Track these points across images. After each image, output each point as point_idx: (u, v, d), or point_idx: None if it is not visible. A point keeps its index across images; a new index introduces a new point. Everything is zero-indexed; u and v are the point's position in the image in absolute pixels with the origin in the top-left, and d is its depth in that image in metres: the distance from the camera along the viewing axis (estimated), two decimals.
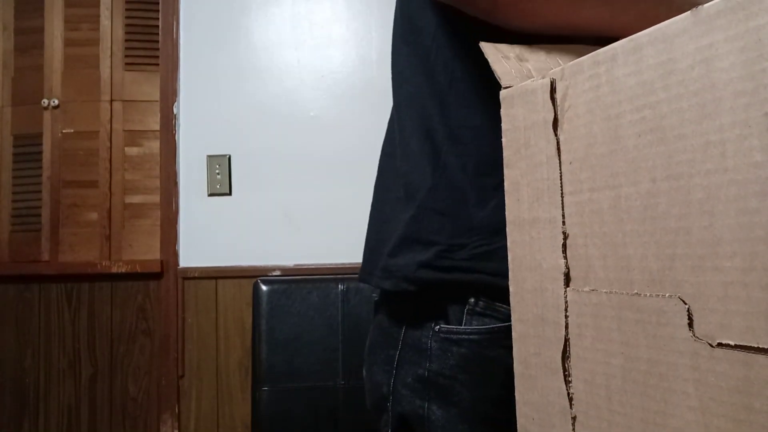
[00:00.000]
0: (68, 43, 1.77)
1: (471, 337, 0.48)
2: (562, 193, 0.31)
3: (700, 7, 0.23)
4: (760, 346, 0.20)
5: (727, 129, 0.22)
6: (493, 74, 0.36)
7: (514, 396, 0.35)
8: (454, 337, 0.49)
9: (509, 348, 0.35)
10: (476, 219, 0.48)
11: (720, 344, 0.22)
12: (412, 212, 0.52)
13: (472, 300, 0.48)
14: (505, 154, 0.35)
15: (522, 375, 0.34)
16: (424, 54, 0.53)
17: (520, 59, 0.38)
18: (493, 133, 0.43)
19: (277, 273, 1.67)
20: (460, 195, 0.50)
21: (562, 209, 0.30)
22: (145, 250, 1.74)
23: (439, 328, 0.50)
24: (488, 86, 0.40)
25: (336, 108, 1.74)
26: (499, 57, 0.37)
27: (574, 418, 0.30)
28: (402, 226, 0.52)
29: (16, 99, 1.78)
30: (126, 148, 1.77)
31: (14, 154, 1.77)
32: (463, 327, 0.49)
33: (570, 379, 0.30)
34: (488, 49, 0.38)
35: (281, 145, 1.72)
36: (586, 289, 0.29)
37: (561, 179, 0.31)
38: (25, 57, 1.78)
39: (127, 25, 1.78)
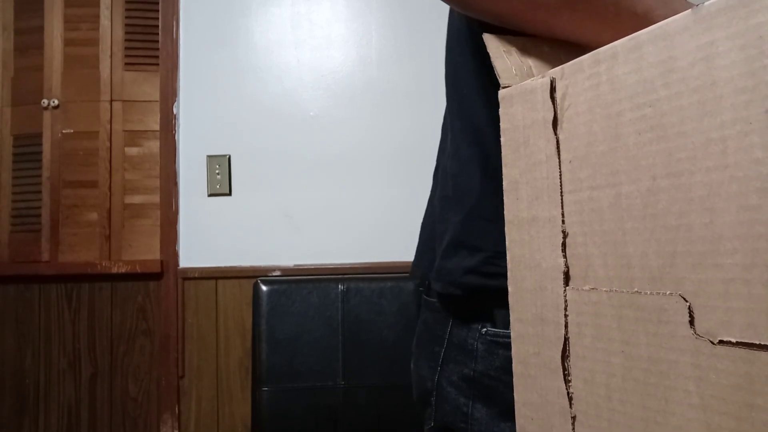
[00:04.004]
0: (68, 43, 1.77)
1: None
2: (561, 192, 0.30)
3: (700, 5, 0.23)
4: (762, 343, 0.20)
5: (728, 126, 0.22)
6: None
7: None
8: (501, 340, 0.49)
9: None
10: None
11: (721, 341, 0.22)
12: (461, 216, 0.52)
13: None
14: (504, 153, 0.35)
15: (521, 375, 0.34)
16: (475, 53, 0.52)
17: (522, 53, 0.37)
18: None
19: (277, 273, 1.67)
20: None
21: (562, 208, 0.30)
22: (145, 251, 1.74)
23: (486, 331, 0.50)
24: None
25: (336, 108, 1.74)
26: (501, 51, 0.37)
27: (573, 418, 0.30)
28: (452, 229, 0.53)
29: (16, 99, 1.78)
30: (126, 148, 1.77)
31: (14, 154, 1.77)
32: (509, 331, 0.49)
33: (569, 378, 0.30)
34: (490, 41, 0.38)
35: (281, 145, 1.72)
36: (586, 287, 0.29)
37: (560, 178, 0.30)
38: (24, 57, 1.78)
39: (126, 25, 1.78)
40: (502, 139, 0.35)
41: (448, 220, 0.54)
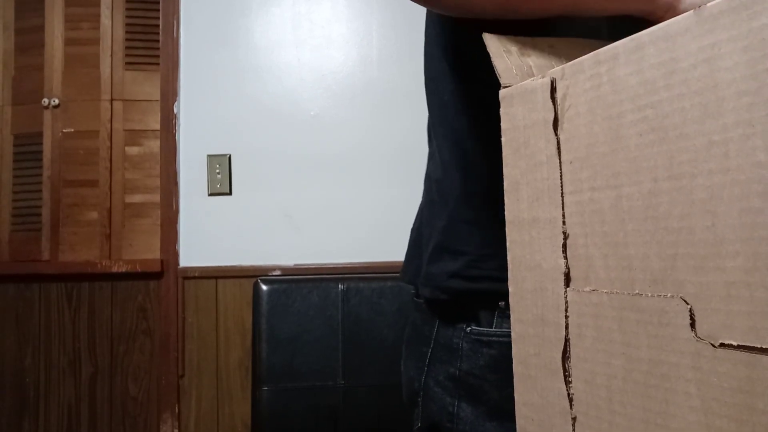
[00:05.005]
0: (68, 42, 1.77)
1: (501, 339, 0.49)
2: (562, 193, 0.30)
3: (703, 6, 0.23)
4: (763, 347, 0.20)
5: (730, 129, 0.22)
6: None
7: None
8: (485, 338, 0.50)
9: None
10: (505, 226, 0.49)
11: (722, 344, 0.22)
12: (444, 221, 0.53)
13: (503, 303, 0.50)
14: (505, 153, 0.35)
15: (521, 375, 0.34)
16: (455, 60, 0.53)
17: (522, 53, 0.37)
18: None
19: (278, 273, 1.66)
20: (490, 204, 0.50)
21: (563, 209, 0.30)
22: (145, 250, 1.74)
23: (470, 330, 0.51)
24: None
25: (336, 108, 1.74)
26: (501, 51, 0.37)
27: (574, 419, 0.30)
28: (436, 234, 0.54)
29: (17, 98, 1.78)
30: (126, 148, 1.76)
31: (14, 154, 1.77)
32: (493, 329, 0.50)
33: (570, 379, 0.30)
34: (491, 41, 0.38)
35: (281, 145, 1.72)
36: (587, 289, 0.29)
37: (561, 179, 0.30)
38: (25, 56, 1.78)
39: (127, 25, 1.78)
40: (502, 139, 0.35)
41: (433, 225, 0.55)
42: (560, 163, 0.30)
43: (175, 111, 1.73)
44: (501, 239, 0.49)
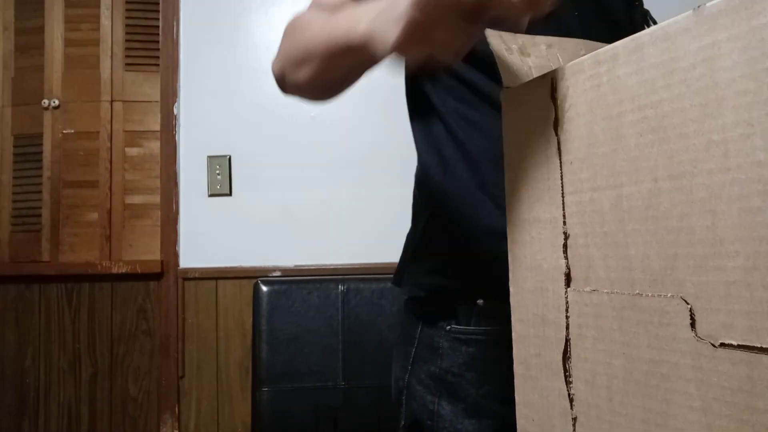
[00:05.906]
0: (68, 43, 1.77)
1: (479, 337, 0.51)
2: (562, 193, 0.30)
3: (702, 6, 0.23)
4: (763, 346, 0.20)
5: (730, 128, 0.22)
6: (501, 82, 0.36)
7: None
8: (463, 336, 0.51)
9: (511, 348, 0.36)
10: (482, 225, 0.50)
11: (722, 344, 0.22)
12: (424, 222, 0.54)
13: (480, 301, 0.50)
14: (505, 153, 0.35)
15: (522, 376, 0.34)
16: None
17: (522, 52, 0.38)
18: (501, 147, 0.44)
19: (278, 273, 1.66)
20: (466, 202, 0.51)
21: (563, 209, 0.30)
22: (145, 251, 1.74)
23: (450, 328, 0.52)
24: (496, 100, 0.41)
25: (336, 108, 1.74)
26: (503, 50, 0.37)
27: (574, 419, 0.30)
28: (417, 235, 0.55)
29: (17, 99, 1.78)
30: (126, 149, 1.76)
31: (14, 155, 1.77)
32: (471, 327, 0.51)
33: (571, 379, 0.30)
34: (493, 39, 0.38)
35: (281, 146, 1.72)
36: (587, 289, 0.29)
37: (562, 179, 0.30)
38: (25, 57, 1.78)
39: (127, 26, 1.78)
40: (503, 139, 0.35)
41: (415, 226, 0.57)
42: (561, 163, 0.30)
43: (175, 112, 1.73)
44: (477, 237, 0.50)
